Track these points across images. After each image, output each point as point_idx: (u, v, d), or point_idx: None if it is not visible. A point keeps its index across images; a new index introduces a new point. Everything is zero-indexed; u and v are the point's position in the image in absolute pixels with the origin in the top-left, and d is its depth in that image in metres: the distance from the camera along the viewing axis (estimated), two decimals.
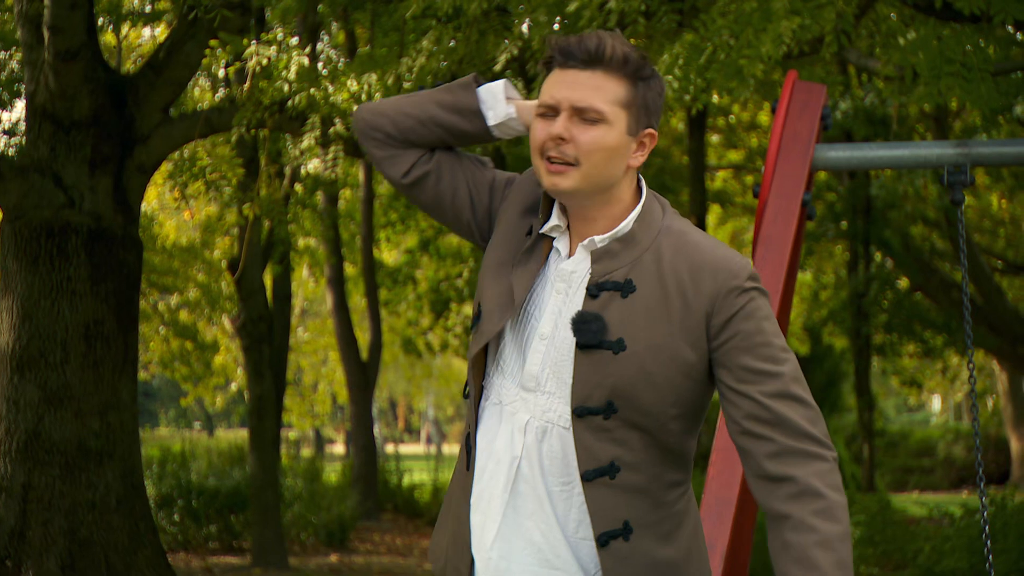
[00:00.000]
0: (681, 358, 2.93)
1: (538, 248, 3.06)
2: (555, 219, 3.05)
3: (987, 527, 5.64)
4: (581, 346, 2.93)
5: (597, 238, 3.00)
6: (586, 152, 2.93)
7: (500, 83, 3.20)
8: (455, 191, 3.18)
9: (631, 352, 2.92)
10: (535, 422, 2.99)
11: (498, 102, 3.19)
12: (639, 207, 3.03)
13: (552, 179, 2.96)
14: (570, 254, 3.04)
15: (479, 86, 3.21)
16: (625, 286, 2.95)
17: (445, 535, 3.18)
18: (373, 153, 3.21)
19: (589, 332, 2.92)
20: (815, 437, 2.88)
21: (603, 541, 2.95)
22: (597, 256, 2.99)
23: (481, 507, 3.05)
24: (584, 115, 2.94)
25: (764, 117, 22.63)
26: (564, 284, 3.02)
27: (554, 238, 3.07)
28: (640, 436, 2.96)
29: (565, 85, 2.95)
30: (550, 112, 2.97)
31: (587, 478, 2.94)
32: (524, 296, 3.02)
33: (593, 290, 2.96)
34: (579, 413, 2.93)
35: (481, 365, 3.11)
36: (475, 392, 3.11)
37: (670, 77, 7.64)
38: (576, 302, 2.99)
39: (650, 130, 3.03)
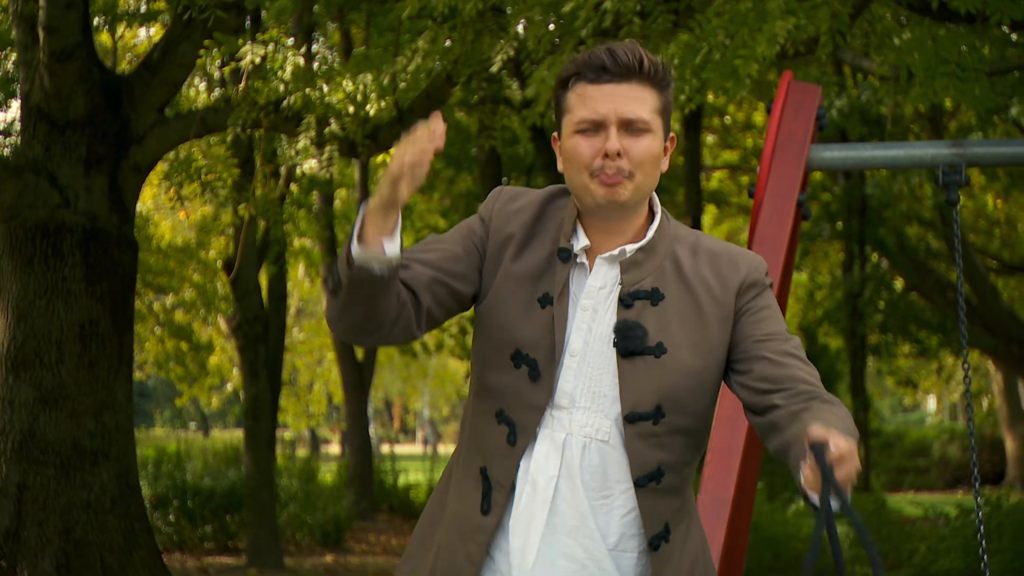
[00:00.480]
0: (718, 349, 3.02)
1: (560, 271, 3.05)
2: (583, 238, 3.05)
3: (982, 527, 5.64)
4: (625, 354, 2.97)
5: (628, 248, 3.02)
6: (639, 163, 2.96)
7: (355, 228, 2.86)
8: (454, 293, 3.07)
9: (672, 355, 2.98)
10: (573, 439, 3.00)
11: (377, 246, 2.84)
12: (658, 217, 3.09)
13: (610, 191, 2.96)
14: (590, 269, 3.05)
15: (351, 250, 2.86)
16: (654, 294, 3.01)
17: (425, 566, 3.14)
18: (385, 344, 3.11)
19: (634, 339, 2.97)
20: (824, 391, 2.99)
21: (655, 545, 3.01)
22: (626, 267, 3.03)
23: (520, 531, 3.03)
24: (632, 126, 2.95)
25: (759, 117, 22.64)
26: (590, 300, 3.03)
27: (577, 256, 3.06)
28: (683, 438, 3.02)
29: (607, 99, 2.95)
30: (592, 127, 2.96)
31: (640, 484, 2.98)
32: (565, 335, 3.02)
33: (627, 300, 3.00)
34: (631, 419, 2.97)
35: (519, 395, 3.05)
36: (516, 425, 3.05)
37: None
38: (605, 316, 3.02)
39: (672, 134, 3.09)
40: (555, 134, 3.09)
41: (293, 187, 16.25)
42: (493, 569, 3.05)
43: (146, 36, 18.33)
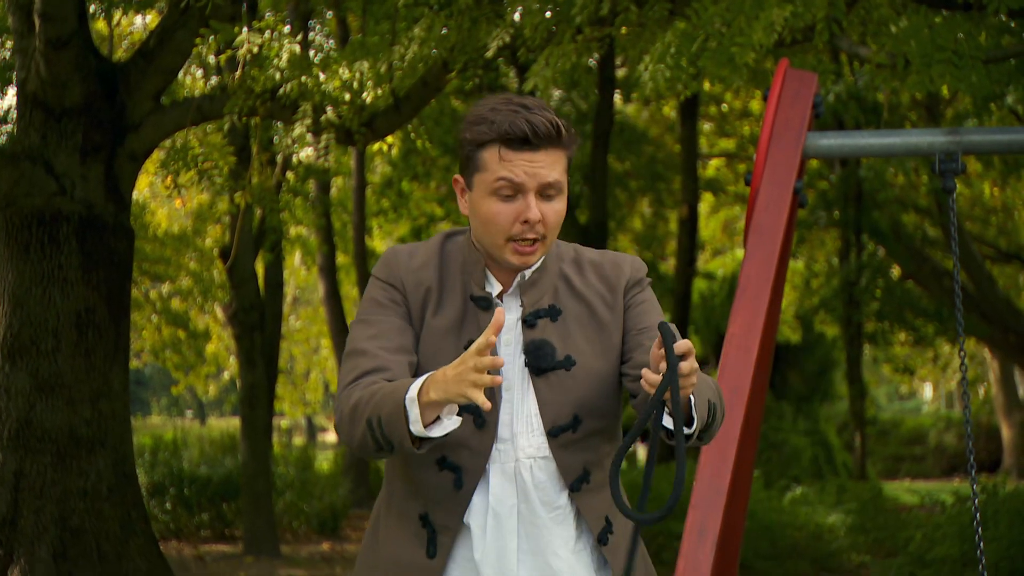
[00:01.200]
0: (618, 348, 3.20)
1: (484, 318, 3.15)
2: (496, 284, 3.18)
3: (978, 515, 5.65)
4: (538, 372, 3.12)
5: (526, 272, 3.15)
6: (552, 227, 3.10)
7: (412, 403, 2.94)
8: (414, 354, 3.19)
9: (580, 365, 3.15)
10: (521, 464, 3.14)
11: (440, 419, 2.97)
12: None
13: (523, 259, 3.09)
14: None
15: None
16: (552, 311, 3.17)
17: None
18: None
19: (545, 356, 3.12)
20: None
21: (603, 540, 3.19)
22: (525, 289, 3.16)
23: (490, 562, 3.13)
24: (547, 191, 3.07)
25: (756, 105, 22.64)
26: (509, 335, 3.16)
27: (495, 301, 3.18)
28: (599, 437, 3.19)
29: (527, 166, 3.05)
30: (511, 192, 3.06)
31: (574, 489, 3.15)
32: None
33: (530, 319, 3.15)
34: (553, 433, 3.12)
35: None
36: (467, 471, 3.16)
37: (662, 65, 7.64)
38: (519, 344, 3.16)
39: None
40: (458, 177, 3.17)
41: (289, 175, 16.24)
42: None
43: (142, 23, 18.32)
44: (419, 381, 2.89)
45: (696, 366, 2.85)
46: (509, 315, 3.17)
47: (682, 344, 2.80)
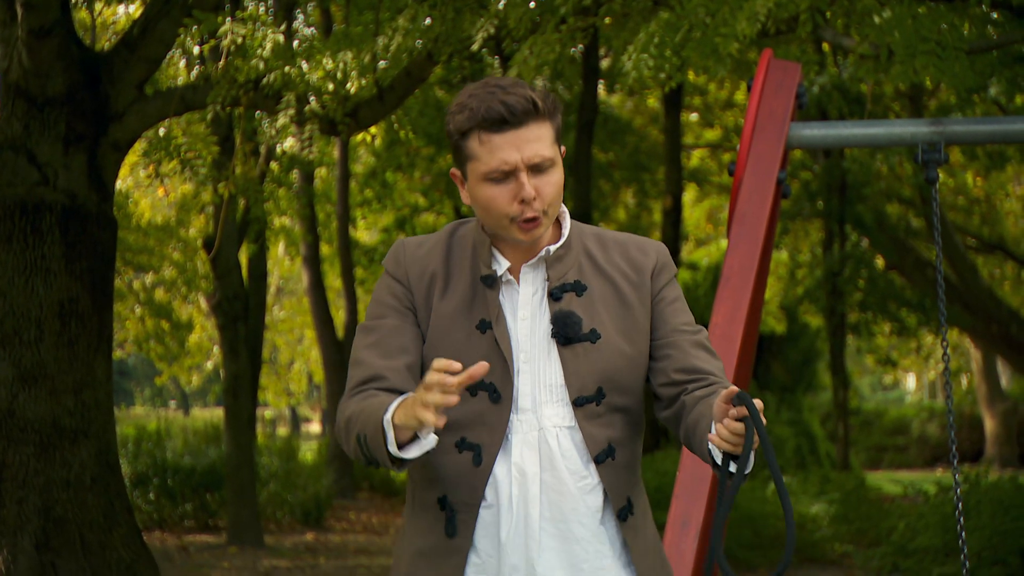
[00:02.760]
0: (645, 331, 3.25)
1: (491, 296, 3.20)
2: (504, 261, 3.21)
3: (960, 504, 5.67)
4: (565, 342, 3.16)
5: (551, 248, 3.20)
6: (551, 199, 3.13)
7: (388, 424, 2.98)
8: (421, 358, 3.24)
9: (606, 339, 3.19)
10: (547, 432, 3.17)
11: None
12: (568, 218, 3.28)
13: (530, 234, 3.13)
14: (518, 282, 3.22)
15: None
16: (577, 286, 3.21)
17: None
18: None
19: (573, 326, 3.16)
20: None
21: (623, 516, 3.23)
22: (551, 263, 3.21)
23: (515, 531, 3.16)
24: (539, 167, 3.11)
25: (741, 96, 22.65)
26: (527, 310, 3.20)
27: (503, 276, 3.22)
28: (622, 416, 3.21)
29: (512, 147, 3.09)
30: (502, 177, 3.11)
31: (599, 461, 3.18)
32: (513, 351, 3.18)
33: (556, 293, 3.19)
34: (578, 403, 3.16)
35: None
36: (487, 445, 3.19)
37: (645, 55, 7.64)
38: (542, 316, 3.20)
39: (562, 147, 3.24)
40: (455, 171, 3.23)
41: (273, 165, 16.22)
42: None
43: (125, 13, 18.27)
44: (395, 403, 2.94)
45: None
46: (526, 288, 3.20)
47: (759, 406, 2.88)
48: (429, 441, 2.94)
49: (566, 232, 3.23)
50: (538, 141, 3.10)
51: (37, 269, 9.41)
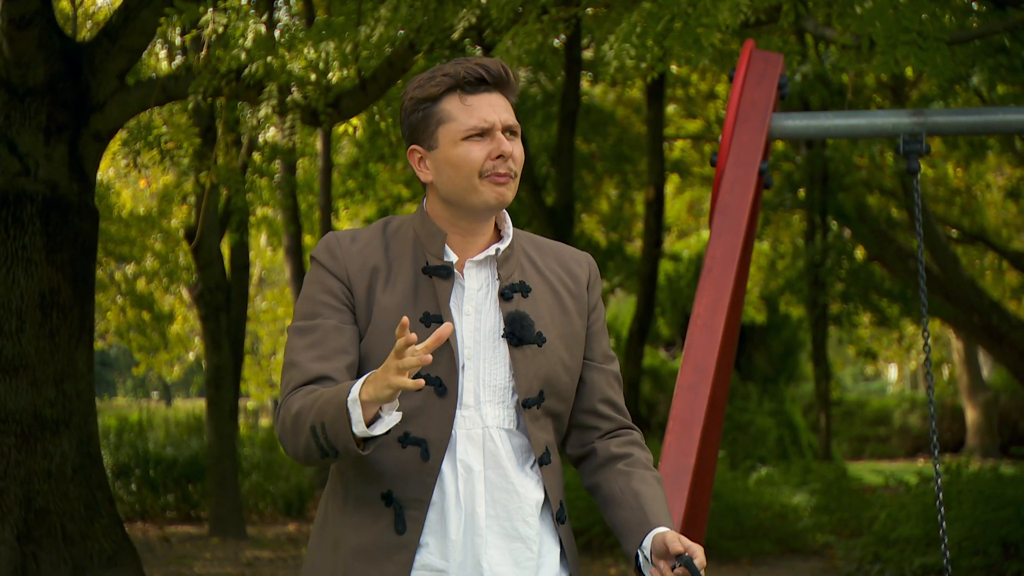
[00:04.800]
0: (581, 339, 3.31)
1: (441, 287, 3.19)
2: (451, 253, 3.22)
3: (941, 495, 5.69)
4: (517, 344, 3.18)
5: (500, 246, 3.23)
6: (519, 165, 3.20)
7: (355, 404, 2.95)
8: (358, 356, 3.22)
9: (550, 343, 3.23)
10: (490, 431, 3.17)
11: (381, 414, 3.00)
12: (508, 217, 3.32)
13: (500, 193, 3.17)
14: (462, 276, 3.22)
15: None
16: (522, 287, 3.24)
17: None
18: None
19: (526, 328, 3.19)
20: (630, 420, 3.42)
21: (561, 519, 3.26)
22: (500, 263, 3.23)
23: (462, 528, 3.15)
24: (511, 131, 3.20)
25: (723, 87, 22.64)
26: (472, 304, 3.20)
27: (450, 267, 3.21)
28: (552, 421, 3.27)
29: (491, 108, 3.18)
30: (480, 135, 3.16)
31: (543, 462, 3.22)
32: (458, 344, 3.19)
33: (507, 293, 3.21)
34: (526, 405, 3.18)
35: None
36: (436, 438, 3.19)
37: (627, 45, 7.64)
38: (489, 313, 3.21)
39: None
40: (414, 147, 3.24)
41: (255, 156, 16.19)
42: None
43: (106, 2, 18.21)
44: (359, 382, 2.92)
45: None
46: (471, 284, 3.21)
47: (701, 563, 3.03)
48: (393, 417, 2.93)
49: (510, 231, 3.27)
50: (509, 109, 3.21)
51: (18, 260, 9.39)
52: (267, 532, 16.07)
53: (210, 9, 9.27)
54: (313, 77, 9.43)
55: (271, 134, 15.42)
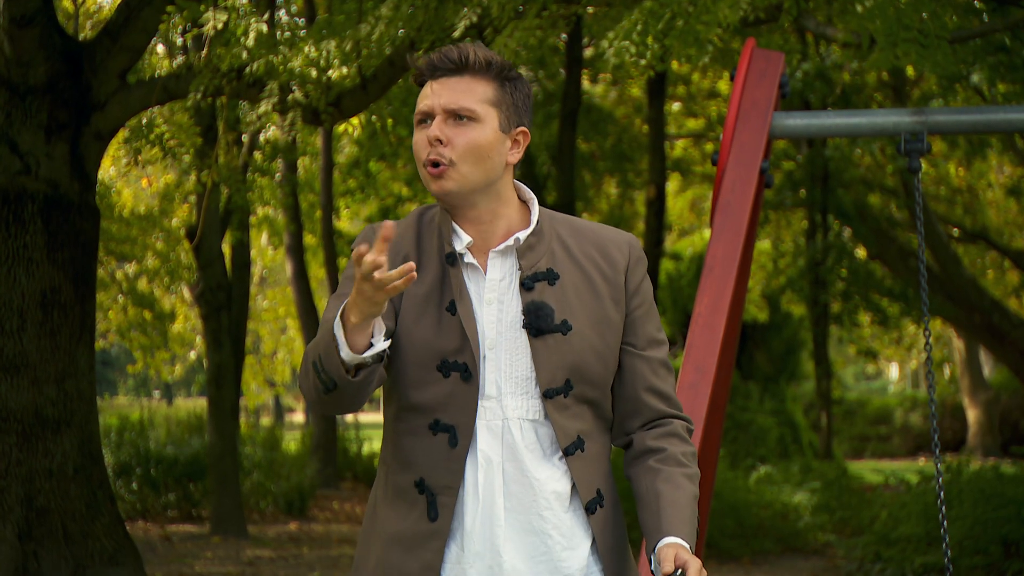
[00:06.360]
0: (616, 324, 3.23)
1: (455, 275, 3.18)
2: (465, 236, 3.18)
3: (942, 494, 5.69)
4: (536, 334, 3.14)
5: (520, 235, 3.18)
6: (461, 153, 3.12)
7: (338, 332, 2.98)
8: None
9: (577, 331, 3.16)
10: (510, 423, 3.15)
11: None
12: (536, 204, 3.26)
13: (437, 183, 3.13)
14: (483, 266, 3.20)
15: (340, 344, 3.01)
16: (549, 274, 3.18)
17: None
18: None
19: (545, 317, 3.14)
20: (680, 409, 3.33)
21: (591, 509, 3.20)
22: (522, 252, 3.18)
23: (481, 520, 3.14)
24: (457, 116, 3.12)
25: (724, 85, 22.64)
26: (494, 294, 3.18)
27: (464, 256, 3.19)
28: (589, 408, 3.21)
29: (435, 92, 3.14)
30: (423, 119, 3.15)
31: (568, 452, 3.17)
32: (479, 332, 3.16)
33: (528, 283, 3.16)
34: (548, 395, 3.14)
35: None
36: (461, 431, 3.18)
37: (627, 42, 7.64)
38: (511, 304, 3.18)
39: (522, 128, 3.23)
40: None
41: (256, 154, 16.20)
42: (458, 573, 3.17)
43: (108, 1, 18.22)
44: (341, 309, 2.93)
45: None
46: (493, 273, 3.18)
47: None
48: (381, 344, 2.95)
49: (535, 218, 3.22)
50: (467, 93, 3.13)
51: (19, 259, 9.39)
52: (268, 531, 16.07)
53: (211, 8, 9.27)
54: (314, 74, 9.43)
55: (272, 133, 15.43)
